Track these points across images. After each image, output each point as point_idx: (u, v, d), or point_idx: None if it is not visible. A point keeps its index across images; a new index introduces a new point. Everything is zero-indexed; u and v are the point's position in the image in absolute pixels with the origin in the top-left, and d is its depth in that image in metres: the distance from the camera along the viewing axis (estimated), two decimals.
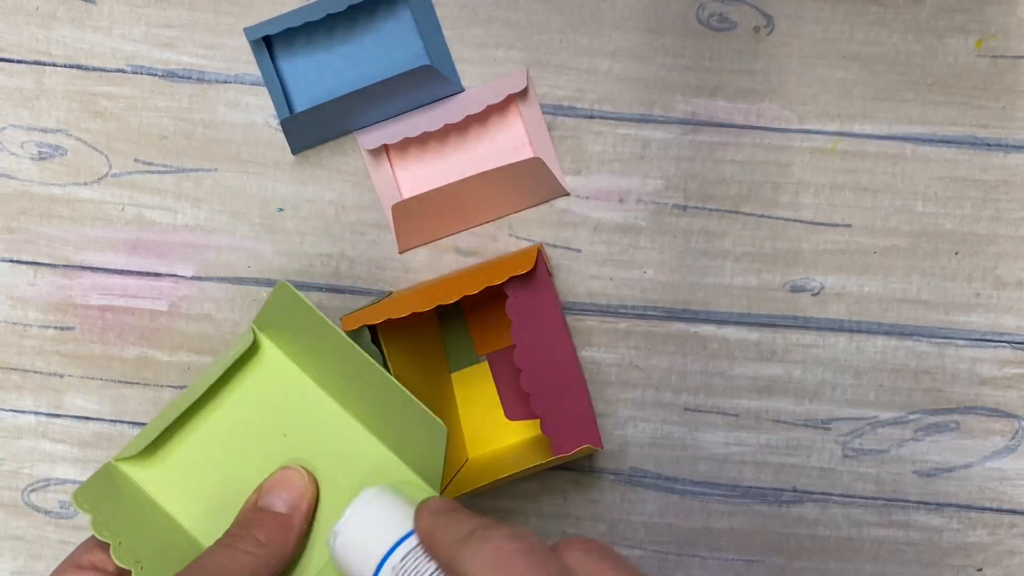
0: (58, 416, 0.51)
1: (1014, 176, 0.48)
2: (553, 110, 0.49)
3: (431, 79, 0.47)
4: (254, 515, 0.39)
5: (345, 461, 0.42)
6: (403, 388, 0.39)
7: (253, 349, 0.42)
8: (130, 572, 0.37)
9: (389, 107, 0.48)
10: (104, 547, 0.38)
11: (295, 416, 0.42)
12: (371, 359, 0.39)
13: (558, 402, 0.45)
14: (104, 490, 0.39)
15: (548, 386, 0.45)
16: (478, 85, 0.49)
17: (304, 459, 0.41)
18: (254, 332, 0.42)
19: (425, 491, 0.41)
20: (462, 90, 0.49)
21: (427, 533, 0.34)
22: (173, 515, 0.41)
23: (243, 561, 0.37)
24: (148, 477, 0.41)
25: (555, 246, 0.49)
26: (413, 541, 0.34)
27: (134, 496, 0.40)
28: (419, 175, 0.49)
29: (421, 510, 0.35)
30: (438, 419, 0.38)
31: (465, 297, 0.44)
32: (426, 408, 0.38)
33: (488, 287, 0.44)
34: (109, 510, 0.38)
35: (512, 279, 0.44)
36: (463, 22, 0.48)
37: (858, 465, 0.49)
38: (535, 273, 0.45)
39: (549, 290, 0.45)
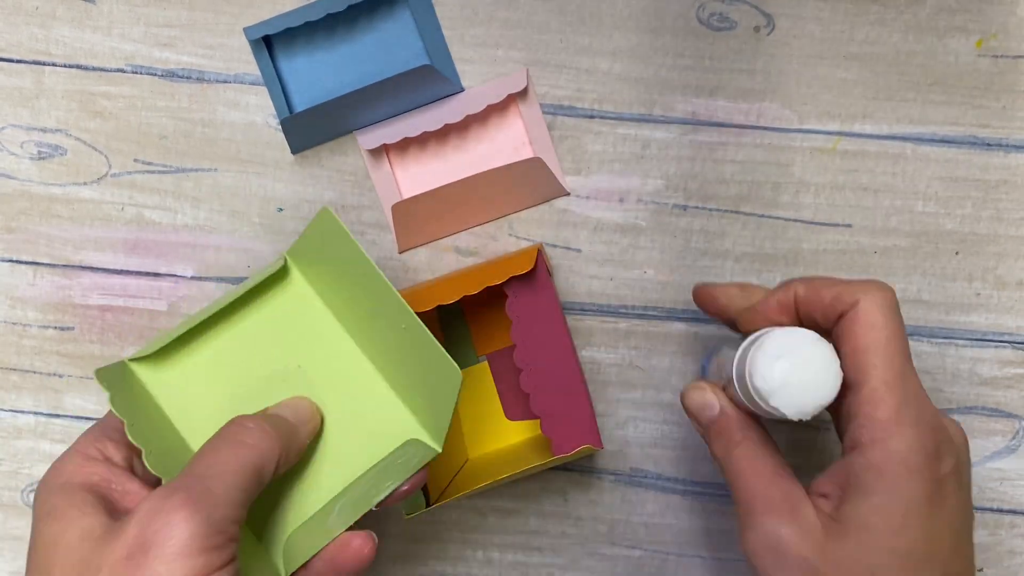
0: (57, 416, 0.51)
1: (1014, 176, 0.48)
2: (553, 110, 0.49)
3: (431, 79, 0.47)
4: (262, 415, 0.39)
5: (353, 404, 0.42)
6: (424, 328, 0.39)
7: (281, 276, 0.42)
8: (135, 472, 0.38)
9: (389, 107, 0.48)
10: (112, 439, 0.38)
11: (312, 350, 0.42)
12: (396, 293, 0.39)
13: (558, 402, 0.45)
14: (119, 378, 0.39)
15: (548, 386, 0.45)
16: (478, 85, 0.48)
17: (314, 394, 0.42)
18: (285, 260, 0.42)
19: (426, 449, 0.41)
20: (462, 90, 0.48)
21: None
22: (173, 421, 0.41)
23: (244, 453, 0.37)
24: (156, 379, 0.41)
25: (555, 246, 0.49)
26: None
27: (142, 395, 0.41)
28: (419, 175, 0.49)
29: None
30: (454, 364, 0.38)
31: (465, 297, 0.44)
32: (444, 351, 0.38)
33: (488, 287, 0.44)
34: (123, 395, 0.38)
35: (512, 279, 0.44)
36: (463, 22, 0.48)
37: None
38: (535, 273, 0.45)
39: (549, 290, 0.45)
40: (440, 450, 0.41)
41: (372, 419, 0.42)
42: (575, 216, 0.49)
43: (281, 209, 0.50)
